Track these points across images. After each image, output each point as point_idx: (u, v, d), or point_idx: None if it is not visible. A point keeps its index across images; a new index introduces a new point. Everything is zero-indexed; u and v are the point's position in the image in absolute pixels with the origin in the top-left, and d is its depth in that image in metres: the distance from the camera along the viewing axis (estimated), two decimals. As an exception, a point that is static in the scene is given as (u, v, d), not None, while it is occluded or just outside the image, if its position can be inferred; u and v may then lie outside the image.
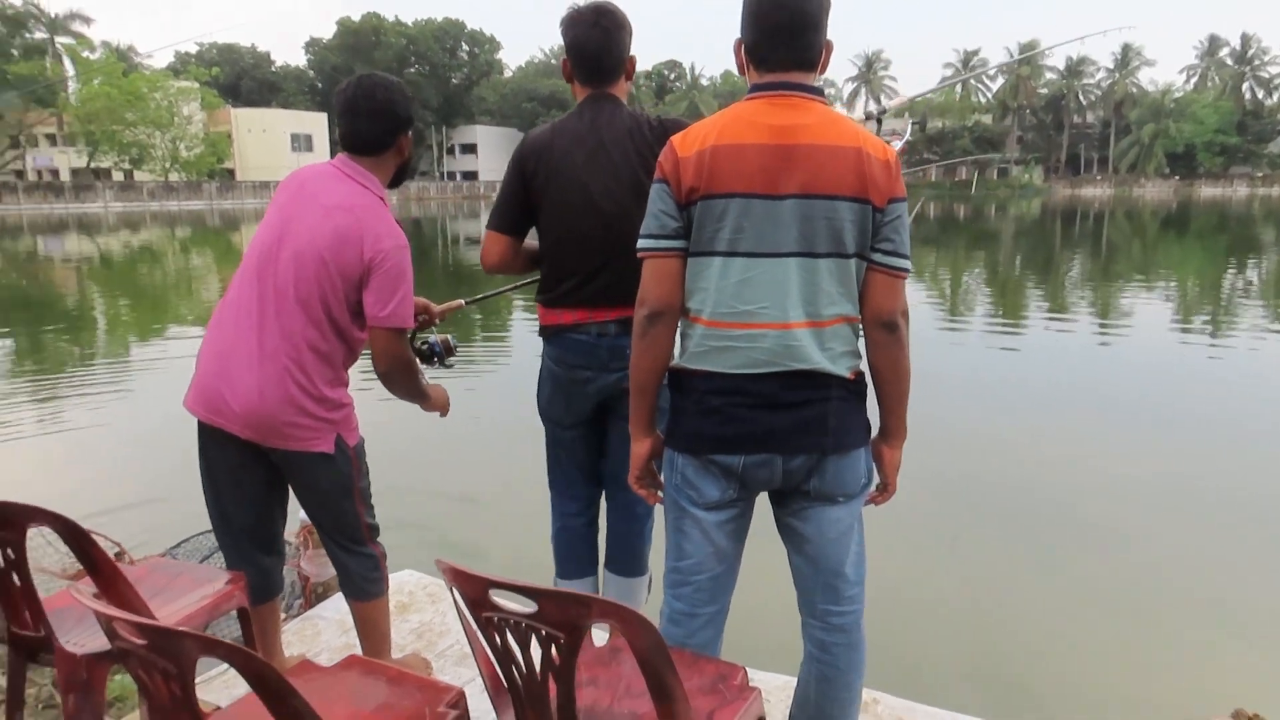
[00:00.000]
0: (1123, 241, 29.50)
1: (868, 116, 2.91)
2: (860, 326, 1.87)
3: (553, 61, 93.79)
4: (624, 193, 2.32)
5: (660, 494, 2.02)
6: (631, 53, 2.41)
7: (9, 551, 1.91)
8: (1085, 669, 3.51)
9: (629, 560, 2.67)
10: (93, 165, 60.50)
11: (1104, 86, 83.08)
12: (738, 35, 1.85)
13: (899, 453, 1.99)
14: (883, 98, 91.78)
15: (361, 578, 2.46)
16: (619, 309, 2.35)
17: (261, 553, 2.44)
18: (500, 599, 1.40)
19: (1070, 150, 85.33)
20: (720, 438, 1.81)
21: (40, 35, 59.98)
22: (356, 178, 2.28)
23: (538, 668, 1.40)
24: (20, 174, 62.09)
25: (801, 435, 1.81)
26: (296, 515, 2.84)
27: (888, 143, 1.82)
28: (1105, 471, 5.89)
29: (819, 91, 1.80)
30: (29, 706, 2.70)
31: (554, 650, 1.35)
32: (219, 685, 2.56)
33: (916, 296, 15.74)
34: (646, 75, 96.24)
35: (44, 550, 3.44)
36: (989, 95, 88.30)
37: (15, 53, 56.35)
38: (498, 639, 1.42)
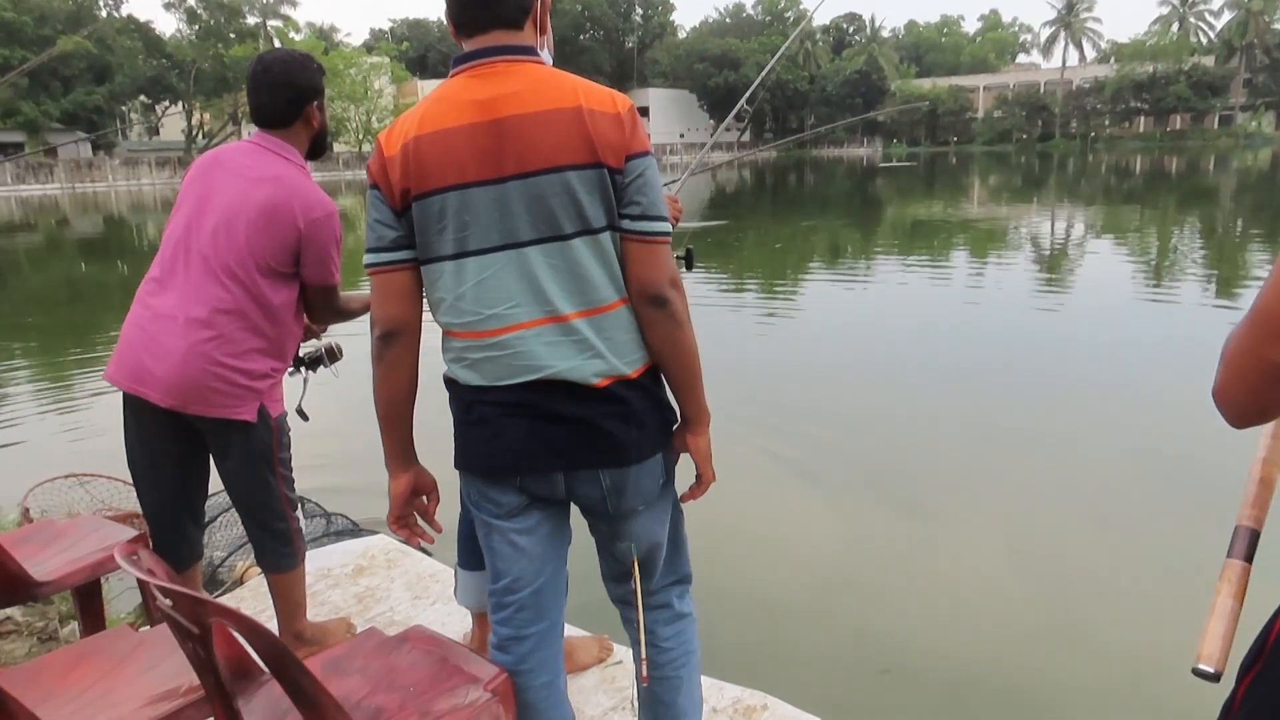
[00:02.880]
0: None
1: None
2: None
3: (727, 20, 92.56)
4: None
5: (431, 532, 1.85)
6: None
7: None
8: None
9: None
10: (297, 138, 65.69)
11: (1358, 18, 72.39)
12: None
13: (705, 439, 1.75)
14: (1085, 43, 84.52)
15: (275, 552, 2.51)
16: None
17: (184, 519, 2.53)
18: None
19: (1312, 93, 75.07)
20: (492, 455, 1.63)
21: (253, 20, 65.64)
22: (275, 150, 2.35)
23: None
24: (238, 148, 68.39)
25: (584, 450, 1.60)
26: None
27: None
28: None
29: (529, 51, 1.58)
30: None
31: (197, 645, 1.33)
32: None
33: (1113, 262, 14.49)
34: (824, 30, 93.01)
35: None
36: (1212, 35, 79.00)
37: (232, 36, 62.05)
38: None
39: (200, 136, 65.74)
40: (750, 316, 10.24)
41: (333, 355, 2.77)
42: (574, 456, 1.61)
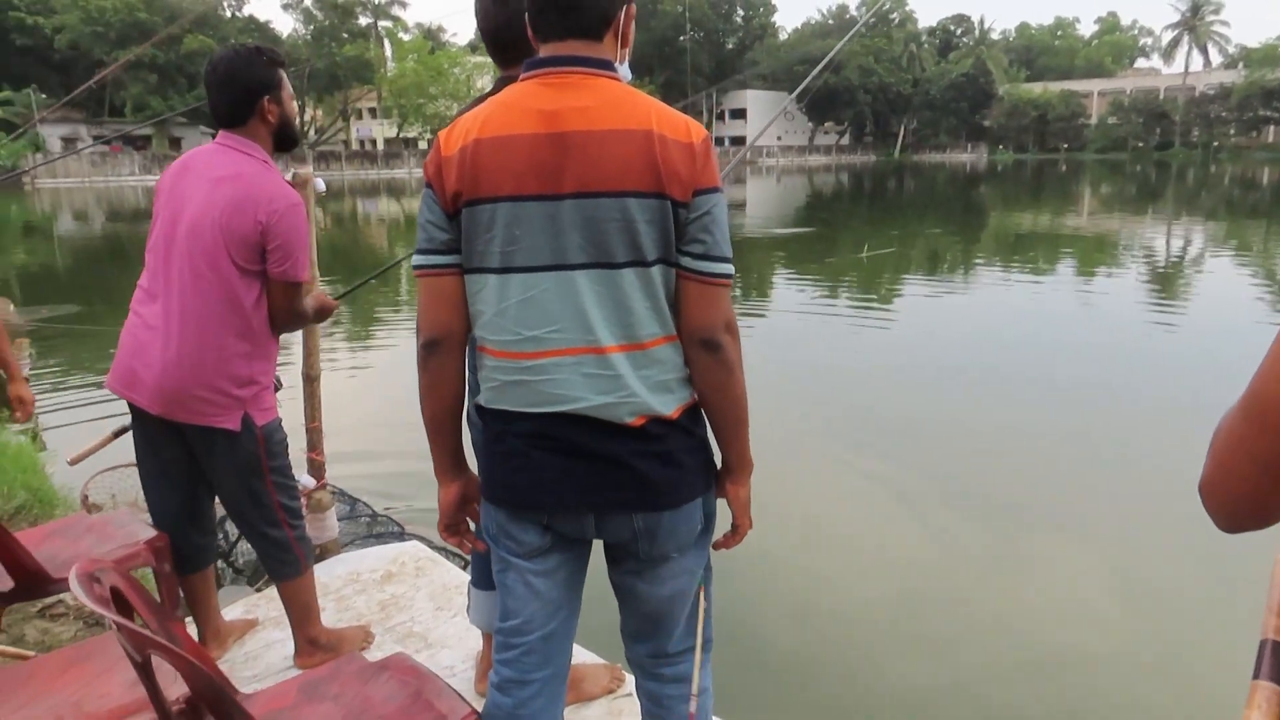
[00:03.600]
0: None
1: None
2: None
3: (830, 22, 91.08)
4: None
5: (480, 540, 1.78)
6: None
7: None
8: None
9: None
10: (402, 135, 67.89)
11: None
12: None
13: (745, 489, 1.67)
14: (1210, 47, 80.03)
15: (276, 560, 2.51)
16: None
17: (189, 527, 2.55)
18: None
19: None
20: (518, 489, 1.57)
21: (365, 21, 68.06)
22: (238, 148, 2.35)
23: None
24: (346, 143, 71.17)
25: (616, 491, 1.53)
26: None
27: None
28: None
29: (605, 65, 1.49)
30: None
31: (141, 673, 1.31)
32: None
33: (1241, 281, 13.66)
34: (930, 32, 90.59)
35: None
36: (1357, 38, 73.65)
37: (346, 35, 64.51)
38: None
39: (312, 132, 68.50)
40: (842, 324, 9.98)
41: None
42: (605, 497, 1.53)
